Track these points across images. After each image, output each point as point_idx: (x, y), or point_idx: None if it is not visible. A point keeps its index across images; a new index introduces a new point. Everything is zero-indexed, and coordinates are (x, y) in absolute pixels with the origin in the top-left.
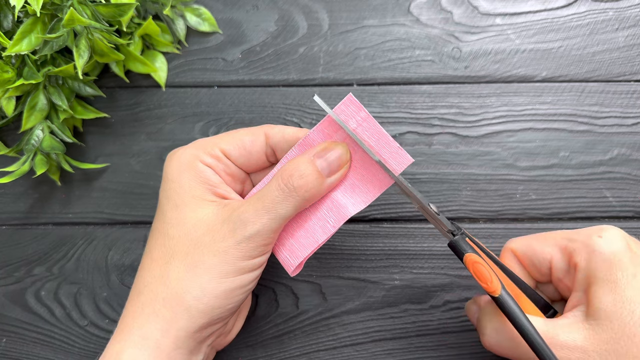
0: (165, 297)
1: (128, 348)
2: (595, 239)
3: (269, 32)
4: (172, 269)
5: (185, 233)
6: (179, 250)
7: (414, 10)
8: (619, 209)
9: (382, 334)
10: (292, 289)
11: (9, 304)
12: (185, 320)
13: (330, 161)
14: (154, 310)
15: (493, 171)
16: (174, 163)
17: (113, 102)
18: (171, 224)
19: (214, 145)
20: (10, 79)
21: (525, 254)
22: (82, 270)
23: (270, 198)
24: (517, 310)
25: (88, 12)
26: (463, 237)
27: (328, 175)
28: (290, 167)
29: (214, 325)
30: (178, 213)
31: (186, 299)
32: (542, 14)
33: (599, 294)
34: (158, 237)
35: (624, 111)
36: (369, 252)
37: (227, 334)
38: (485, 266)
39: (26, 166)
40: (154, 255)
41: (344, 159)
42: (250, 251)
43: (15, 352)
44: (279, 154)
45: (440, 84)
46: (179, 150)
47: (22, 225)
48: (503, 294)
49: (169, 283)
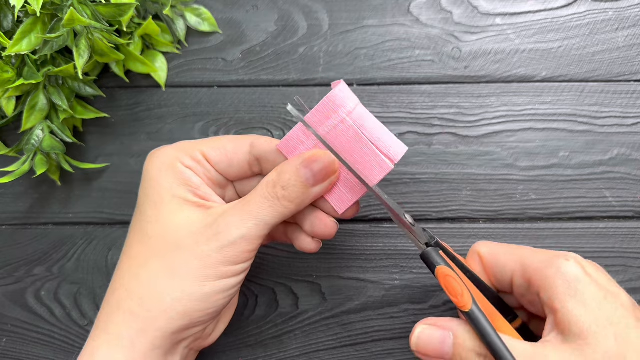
0: (142, 296)
1: (103, 346)
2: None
3: (269, 32)
4: (150, 268)
5: (165, 233)
6: (158, 250)
7: (413, 10)
8: (618, 209)
9: (382, 334)
10: (292, 289)
11: (9, 304)
12: (163, 321)
13: (316, 172)
14: (130, 309)
15: (493, 171)
16: (155, 162)
17: (113, 102)
18: (150, 222)
19: (195, 148)
20: (10, 79)
21: (490, 262)
22: (82, 270)
23: (255, 204)
24: (487, 326)
25: (88, 12)
26: (436, 249)
27: (313, 185)
28: (275, 176)
29: (193, 328)
30: (157, 212)
31: (165, 300)
32: (542, 14)
33: (575, 315)
34: (136, 235)
35: (624, 111)
36: (369, 252)
37: (207, 337)
38: (456, 280)
39: (26, 166)
40: (132, 254)
41: (330, 170)
42: (234, 256)
43: (15, 352)
44: (264, 164)
45: (440, 84)
46: (160, 150)
47: (22, 225)
48: (474, 309)
49: (147, 283)
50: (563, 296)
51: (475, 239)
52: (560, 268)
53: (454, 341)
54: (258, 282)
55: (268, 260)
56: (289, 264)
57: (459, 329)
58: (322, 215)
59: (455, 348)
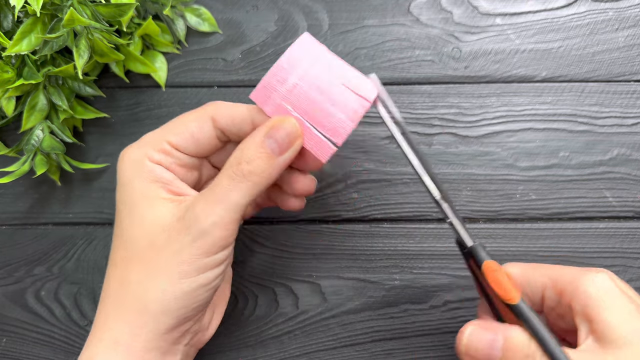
0: (129, 301)
1: (100, 353)
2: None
3: (269, 32)
4: (132, 272)
5: (141, 235)
6: (137, 253)
7: (413, 10)
8: (619, 209)
9: (382, 334)
10: (292, 289)
11: (9, 304)
12: (151, 323)
13: (280, 139)
14: (121, 314)
15: (493, 171)
16: (125, 165)
17: (113, 102)
18: (126, 227)
19: (161, 140)
20: (10, 79)
21: (521, 280)
22: (82, 270)
23: (221, 188)
24: (534, 317)
25: (88, 12)
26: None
27: (280, 154)
28: (238, 154)
29: (184, 325)
30: (132, 216)
31: (148, 302)
32: (542, 14)
33: (611, 322)
34: (116, 241)
35: (624, 111)
36: (369, 252)
37: (205, 330)
38: (504, 274)
39: (26, 166)
40: (116, 260)
41: (293, 134)
42: (209, 247)
43: (15, 352)
44: (230, 135)
45: (440, 84)
46: (128, 149)
47: (22, 225)
48: (522, 304)
49: (130, 287)
50: (598, 306)
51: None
52: (593, 280)
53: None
54: (258, 282)
55: (268, 260)
56: (289, 264)
57: (508, 330)
58: (297, 175)
59: (504, 352)
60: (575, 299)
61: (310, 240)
